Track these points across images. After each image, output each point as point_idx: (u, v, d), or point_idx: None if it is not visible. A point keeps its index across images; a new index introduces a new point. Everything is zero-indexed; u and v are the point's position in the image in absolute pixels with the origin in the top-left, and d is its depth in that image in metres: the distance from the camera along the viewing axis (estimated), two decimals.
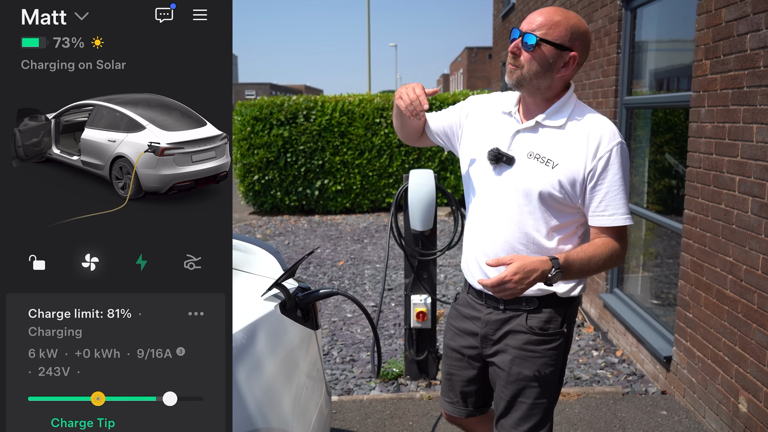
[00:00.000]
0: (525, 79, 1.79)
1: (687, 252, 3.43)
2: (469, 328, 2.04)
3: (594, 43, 5.03)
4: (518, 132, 1.87)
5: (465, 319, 2.06)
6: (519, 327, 1.92)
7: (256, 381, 1.78)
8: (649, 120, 4.43)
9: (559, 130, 1.83)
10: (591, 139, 1.79)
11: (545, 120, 1.84)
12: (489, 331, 1.97)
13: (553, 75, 1.79)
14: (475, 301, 2.02)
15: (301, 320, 2.08)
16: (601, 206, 1.82)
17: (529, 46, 1.75)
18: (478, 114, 2.01)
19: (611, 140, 1.79)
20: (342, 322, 5.15)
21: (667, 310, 4.10)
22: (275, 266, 2.27)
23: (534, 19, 1.77)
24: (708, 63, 3.16)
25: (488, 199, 1.91)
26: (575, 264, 1.75)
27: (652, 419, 3.38)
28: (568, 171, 1.79)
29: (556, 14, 1.76)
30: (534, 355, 1.91)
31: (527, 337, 1.91)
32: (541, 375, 1.92)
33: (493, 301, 1.95)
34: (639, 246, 4.60)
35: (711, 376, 3.18)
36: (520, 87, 1.82)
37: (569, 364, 4.17)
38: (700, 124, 3.27)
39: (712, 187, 3.14)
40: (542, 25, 1.75)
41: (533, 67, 1.77)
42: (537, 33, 1.74)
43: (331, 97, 11.03)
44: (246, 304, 1.93)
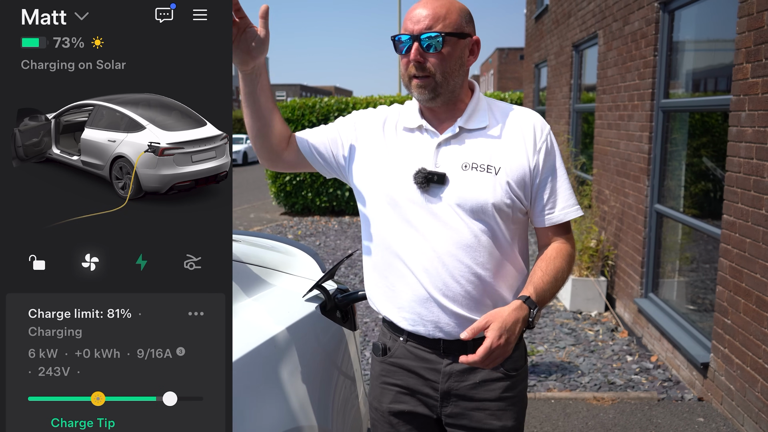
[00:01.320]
0: (441, 85, 1.53)
1: (726, 258, 3.39)
2: (418, 386, 1.66)
3: (630, 45, 4.99)
4: (440, 145, 1.58)
5: (410, 374, 1.67)
6: (492, 374, 1.62)
7: (299, 380, 1.82)
8: (686, 123, 4.38)
9: (485, 131, 1.59)
10: (525, 132, 1.59)
11: (467, 124, 1.59)
12: (453, 385, 1.62)
13: (464, 69, 1.57)
14: (425, 351, 1.64)
15: (341, 321, 2.12)
16: (550, 202, 1.61)
17: (434, 47, 1.50)
18: (369, 132, 1.68)
19: (543, 129, 1.61)
20: (374, 323, 5.18)
21: (703, 316, 4.04)
22: (314, 267, 2.31)
23: (420, 16, 1.51)
24: (749, 66, 3.12)
25: (424, 229, 1.57)
26: (546, 292, 1.54)
27: (689, 426, 3.34)
28: (512, 172, 1.56)
29: (440, 1, 1.52)
30: (514, 401, 1.65)
31: (504, 383, 1.63)
32: (519, 422, 1.68)
33: (455, 347, 1.60)
34: (675, 250, 4.54)
35: (750, 383, 3.13)
36: (436, 98, 1.55)
37: (603, 368, 4.14)
38: (740, 128, 3.23)
39: (752, 192, 3.10)
40: (434, 18, 1.50)
41: (446, 68, 1.52)
42: (435, 29, 1.49)
43: (362, 99, 11.09)
44: (287, 304, 1.97)
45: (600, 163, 5.92)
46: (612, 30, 5.53)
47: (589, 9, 6.43)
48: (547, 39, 9.19)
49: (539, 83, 10.58)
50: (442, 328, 1.59)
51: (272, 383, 1.73)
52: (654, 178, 4.60)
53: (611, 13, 5.58)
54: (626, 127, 5.09)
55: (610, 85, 5.57)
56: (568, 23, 7.63)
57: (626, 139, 5.08)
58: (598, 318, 5.21)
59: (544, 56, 9.48)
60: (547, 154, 1.59)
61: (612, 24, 5.54)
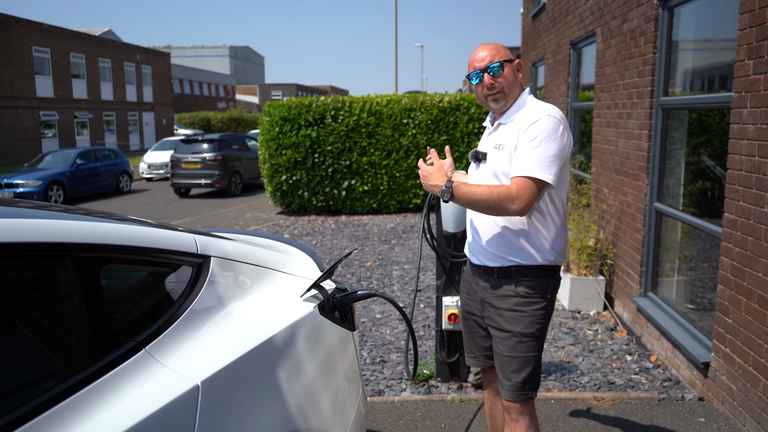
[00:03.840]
0: (507, 95, 2.32)
1: (727, 256, 3.36)
2: (472, 293, 2.51)
3: (629, 42, 4.96)
4: (489, 134, 2.45)
5: (471, 284, 2.52)
6: (509, 292, 2.32)
7: (297, 381, 1.78)
8: (684, 121, 4.35)
9: (510, 123, 2.32)
10: (523, 120, 2.25)
11: (503, 120, 2.37)
12: (486, 296, 2.40)
13: (517, 81, 2.36)
14: (474, 273, 2.49)
15: (339, 321, 2.08)
16: (515, 161, 2.21)
17: (498, 72, 2.29)
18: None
19: (541, 113, 2.22)
20: (371, 323, 5.14)
21: (703, 315, 4.01)
22: (312, 267, 2.27)
23: (482, 57, 2.31)
24: (751, 63, 3.09)
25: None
26: (461, 186, 2.19)
27: (690, 426, 3.31)
28: (511, 147, 2.26)
29: (489, 46, 2.33)
30: (522, 315, 2.30)
31: (516, 300, 2.31)
32: (529, 332, 2.30)
33: (487, 273, 2.39)
34: (674, 249, 4.51)
35: (752, 383, 3.10)
36: (505, 104, 2.34)
37: (603, 368, 4.11)
38: (741, 125, 3.20)
39: (754, 190, 3.07)
40: (491, 56, 2.30)
41: (508, 83, 2.31)
42: (495, 61, 2.30)
43: (359, 98, 11.05)
44: (285, 304, 1.93)
45: (598, 162, 5.89)
46: (611, 27, 5.51)
47: (588, 7, 6.40)
48: (545, 37, 9.16)
49: (536, 82, 10.56)
50: (479, 258, 2.41)
51: (270, 385, 1.69)
52: (653, 177, 4.57)
53: (610, 11, 5.55)
54: (625, 125, 5.06)
55: (609, 83, 5.54)
56: (565, 21, 7.60)
57: (625, 137, 5.06)
58: (597, 317, 5.18)
59: (542, 55, 9.45)
60: (529, 129, 2.20)
61: (611, 21, 5.51)
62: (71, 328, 1.34)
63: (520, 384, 2.32)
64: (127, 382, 1.37)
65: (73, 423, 1.22)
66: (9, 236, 1.26)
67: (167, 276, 1.69)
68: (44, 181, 14.17)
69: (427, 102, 10.97)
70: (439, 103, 10.98)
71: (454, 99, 11.11)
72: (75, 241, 1.39)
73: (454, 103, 11.04)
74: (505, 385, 2.35)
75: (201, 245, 1.75)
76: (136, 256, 1.58)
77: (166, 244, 1.64)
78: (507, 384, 2.34)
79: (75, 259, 1.37)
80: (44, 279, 1.34)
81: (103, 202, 14.76)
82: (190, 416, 1.40)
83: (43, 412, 1.19)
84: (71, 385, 1.27)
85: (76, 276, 1.36)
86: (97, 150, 16.58)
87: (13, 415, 1.15)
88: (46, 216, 1.44)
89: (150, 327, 1.51)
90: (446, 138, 10.97)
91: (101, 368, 1.34)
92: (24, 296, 1.30)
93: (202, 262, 1.73)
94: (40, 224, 1.35)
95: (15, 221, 1.31)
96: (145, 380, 1.39)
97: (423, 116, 10.90)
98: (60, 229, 1.38)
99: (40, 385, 1.25)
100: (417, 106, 10.93)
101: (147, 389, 1.37)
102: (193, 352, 1.53)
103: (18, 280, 1.30)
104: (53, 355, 1.31)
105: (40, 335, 1.30)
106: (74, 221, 1.46)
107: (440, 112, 10.98)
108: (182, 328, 1.57)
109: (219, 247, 1.82)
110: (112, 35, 43.63)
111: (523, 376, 2.32)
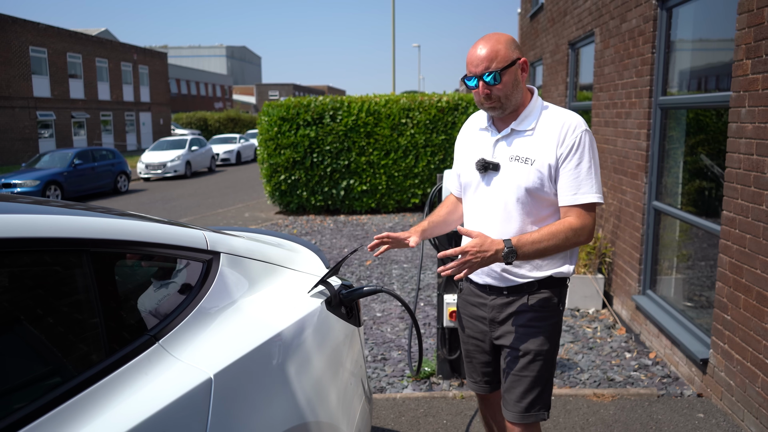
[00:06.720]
0: (504, 103, 2.04)
1: (725, 254, 3.39)
2: (477, 314, 2.27)
3: (627, 42, 4.99)
4: (497, 141, 2.11)
5: (473, 306, 2.28)
6: (522, 307, 2.13)
7: (305, 375, 1.81)
8: (683, 120, 4.39)
9: (531, 131, 2.07)
10: (559, 131, 2.02)
11: (518, 126, 2.08)
12: (495, 315, 2.19)
13: (520, 86, 2.05)
14: (479, 291, 2.24)
15: (345, 317, 2.11)
16: (565, 187, 2.02)
17: (495, 81, 1.98)
18: (462, 140, 2.30)
19: (576, 128, 2.01)
20: (372, 321, 5.17)
21: (701, 312, 4.05)
22: (318, 264, 2.30)
23: (478, 60, 1.99)
24: (749, 63, 3.13)
25: (481, 202, 2.15)
26: (526, 242, 1.95)
27: (689, 422, 3.35)
28: (542, 163, 2.02)
29: (489, 42, 1.99)
30: (536, 330, 2.12)
31: (530, 314, 2.12)
32: (543, 348, 2.13)
33: (496, 289, 2.17)
34: (672, 247, 4.55)
35: (750, 379, 3.14)
36: (503, 111, 2.06)
37: (602, 365, 4.15)
38: (740, 124, 3.23)
39: (752, 188, 3.10)
40: (489, 60, 1.97)
41: (505, 92, 2.02)
42: (492, 68, 1.97)
43: (357, 98, 11.07)
44: (293, 300, 1.96)
45: None
46: (609, 28, 5.54)
47: (586, 7, 6.44)
48: (543, 37, 9.20)
49: (534, 82, 10.60)
50: (489, 276, 2.16)
51: (279, 378, 1.72)
52: (652, 175, 4.61)
53: (608, 11, 5.58)
54: (623, 124, 5.10)
55: (607, 82, 5.58)
56: (564, 21, 7.64)
57: (624, 137, 5.09)
58: (596, 315, 5.22)
59: (540, 55, 9.49)
60: (572, 148, 2.00)
61: (609, 22, 5.55)
62: (88, 322, 1.37)
63: (527, 405, 2.14)
64: (142, 374, 1.39)
65: (90, 413, 1.25)
66: (28, 231, 1.28)
67: (178, 272, 1.71)
68: (42, 181, 14.18)
69: (426, 102, 11.01)
70: (438, 103, 11.02)
71: (452, 99, 11.15)
72: (90, 237, 1.41)
73: (453, 103, 11.08)
74: (511, 406, 2.16)
75: (211, 242, 1.77)
76: (148, 251, 1.60)
77: (177, 240, 1.67)
78: (513, 405, 2.15)
79: (90, 254, 1.40)
80: (61, 273, 1.37)
81: (101, 202, 14.75)
82: (204, 408, 1.43)
83: (62, 403, 1.21)
84: (88, 377, 1.29)
85: (92, 270, 1.39)
86: (94, 150, 16.59)
87: (34, 405, 1.18)
88: (63, 212, 1.47)
89: (163, 321, 1.53)
90: (444, 138, 11.01)
91: (116, 361, 1.37)
92: (42, 290, 1.33)
93: (212, 258, 1.76)
94: (57, 220, 1.38)
95: (34, 217, 1.34)
96: (159, 373, 1.42)
97: (421, 116, 10.93)
98: (76, 225, 1.41)
99: (59, 377, 1.28)
100: (415, 106, 10.96)
101: (161, 382, 1.40)
102: (205, 346, 1.56)
103: (36, 274, 1.32)
104: (71, 348, 1.34)
105: (59, 328, 1.33)
106: (89, 217, 1.49)
107: (438, 111, 11.02)
108: (194, 323, 1.60)
109: (228, 243, 1.85)
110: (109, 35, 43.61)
111: (531, 397, 2.13)
